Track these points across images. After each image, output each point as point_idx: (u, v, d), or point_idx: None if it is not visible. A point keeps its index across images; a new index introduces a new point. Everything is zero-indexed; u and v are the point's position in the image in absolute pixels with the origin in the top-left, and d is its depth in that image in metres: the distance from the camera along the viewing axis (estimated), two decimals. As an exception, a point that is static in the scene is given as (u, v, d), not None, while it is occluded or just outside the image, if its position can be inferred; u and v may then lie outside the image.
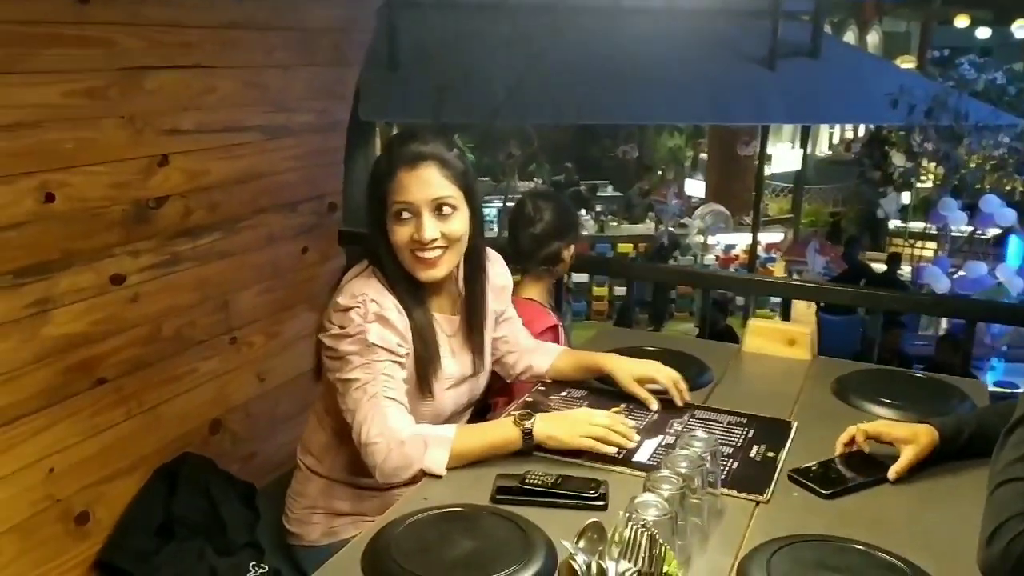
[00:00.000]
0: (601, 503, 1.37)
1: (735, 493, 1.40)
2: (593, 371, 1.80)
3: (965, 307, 2.27)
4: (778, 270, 11.87)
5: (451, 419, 1.74)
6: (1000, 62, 14.39)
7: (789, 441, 1.60)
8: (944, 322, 9.38)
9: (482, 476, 1.45)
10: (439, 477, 1.47)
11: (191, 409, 2.11)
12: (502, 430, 1.51)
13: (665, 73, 10.22)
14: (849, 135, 18.82)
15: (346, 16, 2.33)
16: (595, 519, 1.01)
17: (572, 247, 2.25)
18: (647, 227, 11.65)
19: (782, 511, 1.38)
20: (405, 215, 1.56)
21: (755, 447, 1.57)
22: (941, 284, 8.96)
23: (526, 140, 9.92)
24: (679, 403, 1.69)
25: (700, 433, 1.36)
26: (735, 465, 1.50)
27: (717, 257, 11.55)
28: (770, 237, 12.05)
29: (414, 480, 1.50)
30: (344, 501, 1.73)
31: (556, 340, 2.11)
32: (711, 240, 11.50)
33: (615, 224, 11.50)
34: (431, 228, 1.56)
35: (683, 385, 1.73)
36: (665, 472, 1.22)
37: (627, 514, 1.06)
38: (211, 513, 1.82)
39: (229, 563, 1.70)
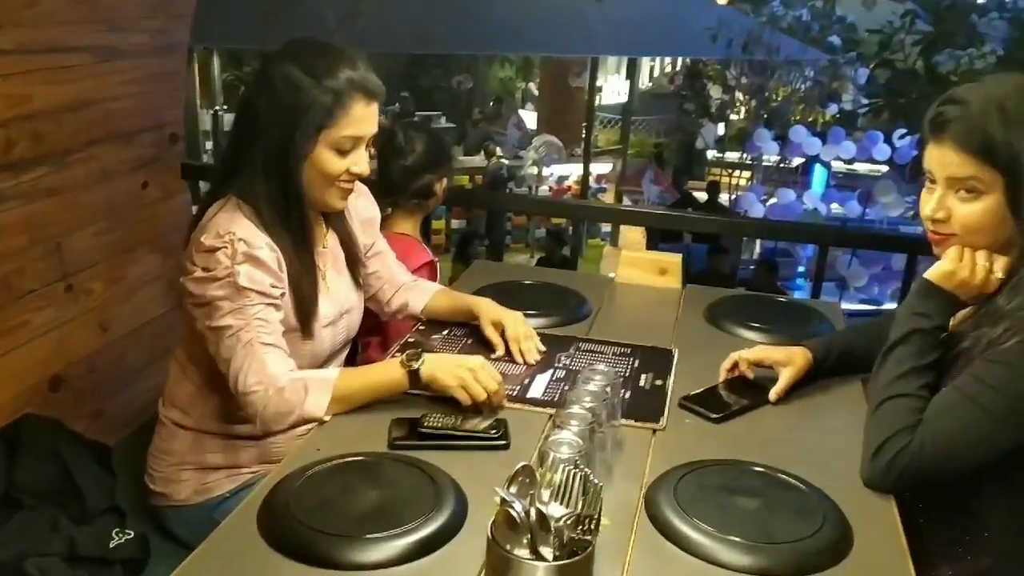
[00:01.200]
0: (503, 443, 1.35)
1: (633, 423, 1.42)
2: (465, 313, 1.76)
3: (819, 233, 2.39)
4: (608, 199, 12.26)
5: (330, 359, 1.66)
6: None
7: (673, 368, 1.63)
8: (758, 247, 10.10)
9: (376, 422, 1.39)
10: (322, 422, 1.39)
11: (27, 366, 1.89)
12: (387, 371, 1.44)
13: (497, 4, 10.15)
14: (668, 69, 19.48)
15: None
16: (525, 463, 0.98)
17: (444, 180, 2.18)
18: (481, 159, 11.64)
19: (677, 438, 1.40)
20: (349, 147, 1.48)
21: (643, 376, 1.59)
22: (756, 210, 9.57)
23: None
24: (518, 359, 1.62)
25: (601, 367, 1.35)
26: (627, 395, 1.51)
27: (550, 188, 11.73)
28: (600, 168, 12.36)
29: (294, 426, 1.42)
30: (216, 454, 1.61)
31: (432, 277, 2.05)
32: (545, 171, 11.65)
33: (449, 156, 11.36)
34: (366, 162, 1.51)
35: (526, 345, 1.64)
36: (575, 408, 1.21)
37: (553, 454, 1.04)
38: (62, 478, 1.65)
39: (89, 532, 1.55)
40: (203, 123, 9.60)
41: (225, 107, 10.16)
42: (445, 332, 1.78)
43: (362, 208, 1.74)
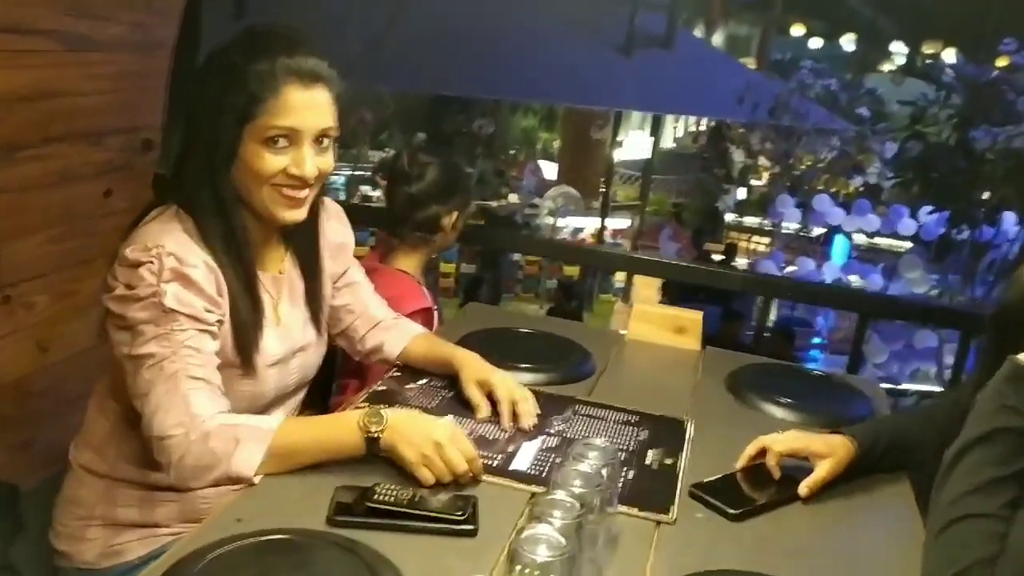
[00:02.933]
0: (470, 527, 1.09)
1: (636, 512, 1.15)
2: (443, 364, 1.51)
3: (863, 301, 2.12)
4: (623, 255, 12.06)
5: (274, 403, 1.41)
6: (831, 71, 15.25)
7: (687, 445, 1.37)
8: (773, 314, 9.86)
9: (317, 488, 1.13)
10: (251, 484, 1.13)
11: (-59, 385, 1.65)
12: (341, 431, 1.18)
13: (525, 50, 10.10)
14: (692, 129, 19.45)
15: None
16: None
17: (455, 213, 1.94)
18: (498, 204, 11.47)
19: (687, 536, 1.14)
20: (282, 142, 1.24)
21: (650, 452, 1.33)
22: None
23: (380, 105, 9.47)
24: (506, 425, 1.36)
25: (598, 440, 1.09)
26: (631, 475, 1.25)
27: (564, 240, 11.58)
28: (617, 223, 12.21)
29: (215, 484, 1.16)
30: (130, 508, 1.35)
31: (428, 324, 1.81)
32: (560, 222, 11.51)
33: (465, 199, 11.20)
34: (311, 162, 1.26)
35: (525, 407, 1.38)
36: (559, 494, 0.95)
37: (528, 556, 0.78)
38: (-46, 523, 1.40)
39: (-29, 591, 1.30)
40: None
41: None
42: (423, 381, 1.52)
43: (332, 232, 1.50)
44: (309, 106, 1.24)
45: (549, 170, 13.39)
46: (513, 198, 11.45)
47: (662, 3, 11.58)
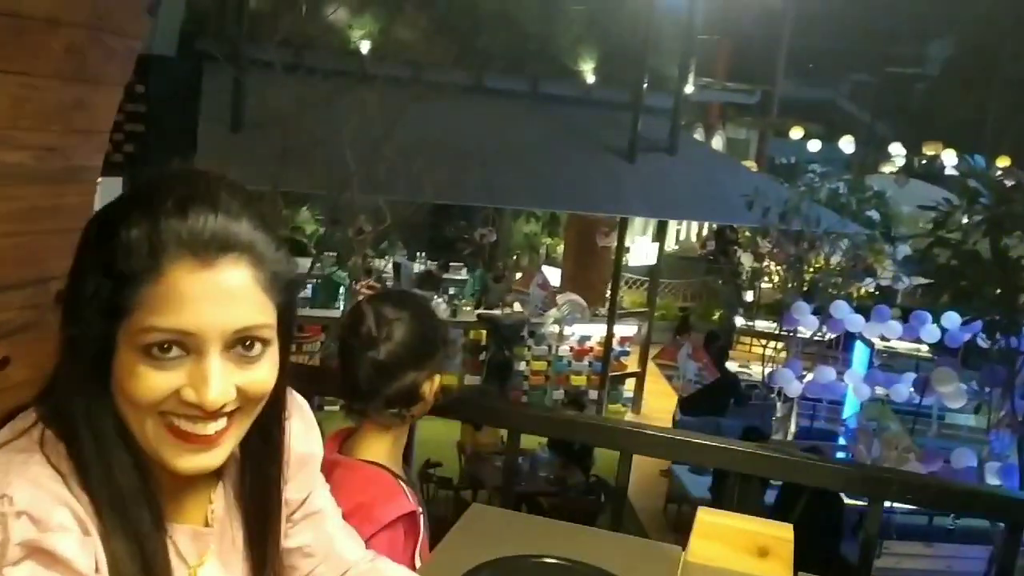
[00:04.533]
0: None
1: None
2: None
3: (1012, 508, 1.56)
4: (632, 362, 11.65)
5: None
6: (836, 174, 15.22)
7: None
8: (793, 425, 9.38)
9: None
10: None
11: None
12: None
13: (527, 157, 9.96)
14: (695, 232, 19.36)
15: (96, 8, 1.50)
16: None
17: (437, 377, 1.49)
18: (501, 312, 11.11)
19: None
20: (172, 352, 0.78)
21: None
22: (793, 388, 9.00)
23: (379, 216, 9.20)
24: None
25: None
26: None
27: (571, 348, 11.26)
28: (624, 330, 11.86)
29: None
30: None
31: (412, 535, 1.33)
32: (567, 330, 11.16)
33: (468, 308, 10.86)
34: (220, 383, 0.79)
35: None
36: None
37: None
38: None
39: None
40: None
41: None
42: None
43: (295, 439, 1.01)
44: (211, 295, 0.78)
45: (552, 275, 13.11)
46: (517, 306, 11.09)
47: (664, 108, 11.51)
